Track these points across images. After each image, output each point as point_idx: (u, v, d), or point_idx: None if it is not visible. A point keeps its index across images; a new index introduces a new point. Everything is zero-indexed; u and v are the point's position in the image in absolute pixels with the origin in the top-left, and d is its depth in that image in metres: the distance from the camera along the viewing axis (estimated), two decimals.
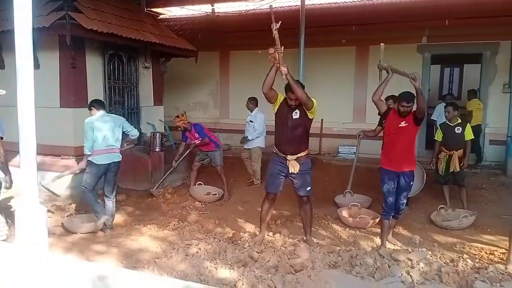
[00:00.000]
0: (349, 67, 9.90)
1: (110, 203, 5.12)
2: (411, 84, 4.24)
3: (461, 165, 5.76)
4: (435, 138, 6.13)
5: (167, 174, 6.74)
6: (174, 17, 12.15)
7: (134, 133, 5.47)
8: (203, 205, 6.29)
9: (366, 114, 9.50)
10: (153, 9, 10.55)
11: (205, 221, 5.51)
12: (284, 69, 4.16)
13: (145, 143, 7.72)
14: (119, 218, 5.54)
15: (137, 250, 4.43)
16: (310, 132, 4.60)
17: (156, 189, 6.61)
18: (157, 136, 6.93)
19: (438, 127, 6.23)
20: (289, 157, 4.38)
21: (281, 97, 4.41)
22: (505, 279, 3.69)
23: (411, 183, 4.57)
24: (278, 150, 4.48)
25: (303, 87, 4.33)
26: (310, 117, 4.40)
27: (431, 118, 8.78)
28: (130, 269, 3.66)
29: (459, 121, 5.94)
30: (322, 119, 9.87)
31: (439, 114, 8.51)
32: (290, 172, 4.41)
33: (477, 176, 7.68)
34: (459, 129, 5.83)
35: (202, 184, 6.82)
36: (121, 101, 7.72)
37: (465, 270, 3.82)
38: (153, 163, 6.86)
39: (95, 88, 7.00)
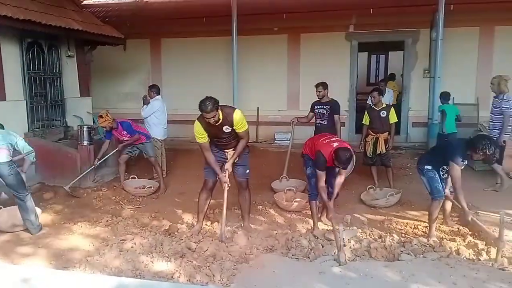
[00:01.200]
0: (282, 55, 10.04)
1: (23, 206, 4.58)
2: None
3: (386, 146, 6.11)
4: (362, 122, 6.44)
5: (85, 172, 6.32)
6: (100, 3, 11.51)
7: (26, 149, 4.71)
8: (138, 199, 6.09)
9: (300, 101, 9.73)
10: None
11: (141, 215, 5.34)
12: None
13: (73, 137, 7.31)
14: (46, 217, 5.19)
15: (67, 250, 4.19)
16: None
17: (69, 186, 6.09)
18: (85, 129, 6.56)
19: (366, 111, 6.54)
20: (226, 151, 4.48)
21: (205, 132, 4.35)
22: (427, 250, 3.99)
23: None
24: (214, 146, 4.49)
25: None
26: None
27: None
28: (59, 269, 3.47)
29: (384, 105, 6.27)
30: (258, 107, 9.97)
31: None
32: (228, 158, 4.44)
33: (402, 156, 8.20)
34: (384, 113, 6.16)
35: (136, 178, 6.59)
36: (43, 93, 7.22)
37: (392, 244, 4.07)
38: (82, 157, 6.50)
39: (13, 79, 6.49)
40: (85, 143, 6.55)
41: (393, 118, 6.20)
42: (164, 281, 3.27)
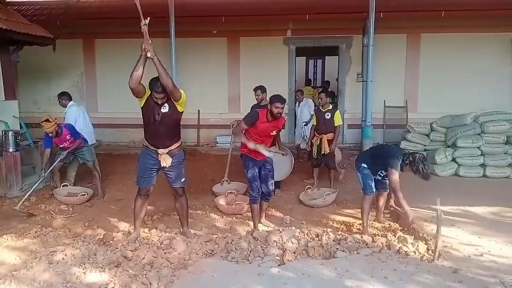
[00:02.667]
0: (222, 58, 10.04)
1: None
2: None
3: (329, 148, 6.29)
4: (311, 123, 6.57)
5: (35, 186, 5.73)
6: (27, 0, 10.79)
7: None
8: (71, 208, 5.77)
9: (241, 103, 9.78)
10: None
11: (73, 225, 5.07)
12: (150, 50, 3.88)
13: None
14: None
15: None
16: (187, 123, 4.50)
17: (20, 205, 5.43)
18: (10, 134, 6.11)
19: (313, 113, 6.65)
20: (160, 150, 4.24)
21: (148, 91, 4.18)
22: (361, 246, 4.15)
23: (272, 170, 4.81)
24: (149, 143, 4.32)
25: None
26: (180, 110, 4.20)
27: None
28: None
29: (330, 107, 6.44)
30: (199, 110, 9.89)
31: None
32: (162, 166, 4.29)
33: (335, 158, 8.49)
34: (328, 114, 6.33)
35: (67, 185, 6.25)
36: None
37: (328, 242, 4.19)
38: (8, 165, 6.05)
39: None
40: (10, 150, 6.10)
41: (338, 121, 6.38)
42: None
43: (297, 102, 8.92)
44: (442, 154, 7.07)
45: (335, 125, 6.38)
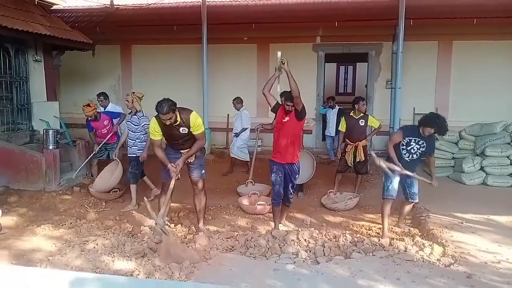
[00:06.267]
0: (252, 63, 10.28)
1: None
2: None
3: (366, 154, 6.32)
4: (339, 128, 6.61)
5: (85, 160, 6.65)
6: (69, 8, 11.47)
7: None
8: (104, 202, 6.13)
9: (269, 109, 9.89)
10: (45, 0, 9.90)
11: (105, 218, 5.40)
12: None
13: (39, 141, 7.28)
14: (9, 220, 5.18)
15: (29, 250, 4.23)
16: (216, 127, 4.75)
17: (76, 174, 6.62)
18: (50, 133, 6.56)
19: (343, 118, 6.62)
20: (182, 151, 4.58)
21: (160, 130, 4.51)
22: (377, 249, 4.23)
23: (296, 175, 4.86)
24: (169, 146, 4.62)
25: None
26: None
27: None
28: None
29: (362, 114, 6.42)
30: (228, 114, 10.12)
31: None
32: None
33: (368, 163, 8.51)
34: (362, 121, 6.34)
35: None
36: (9, 96, 7.19)
37: (345, 244, 4.30)
38: (47, 161, 6.49)
39: None
40: (50, 147, 6.55)
41: (375, 123, 6.47)
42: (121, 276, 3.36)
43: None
44: (470, 163, 6.98)
45: (375, 127, 6.46)
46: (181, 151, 4.59)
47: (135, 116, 5.82)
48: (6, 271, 2.68)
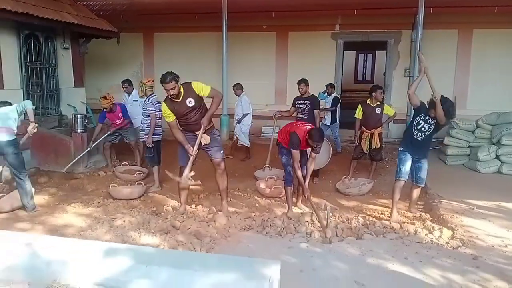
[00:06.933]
0: (271, 51, 10.46)
1: (22, 184, 4.94)
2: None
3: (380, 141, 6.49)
4: (355, 116, 6.70)
5: (81, 154, 6.79)
6: None
7: (27, 105, 4.86)
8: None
9: (287, 96, 10.13)
10: None
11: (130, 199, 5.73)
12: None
13: (67, 125, 7.65)
14: (41, 199, 5.55)
15: (62, 226, 4.58)
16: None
17: (67, 168, 6.61)
18: (78, 117, 6.92)
19: (359, 105, 6.68)
20: (197, 132, 4.67)
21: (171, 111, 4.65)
22: (388, 231, 4.43)
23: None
24: (185, 129, 4.79)
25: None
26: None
27: None
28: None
29: (379, 102, 6.54)
30: None
31: None
32: (202, 144, 4.72)
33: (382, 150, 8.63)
34: (379, 109, 6.46)
35: (127, 164, 6.98)
36: (39, 82, 7.56)
37: (357, 226, 4.51)
38: (76, 144, 6.86)
39: (10, 69, 6.83)
40: (78, 131, 6.91)
41: (391, 111, 6.63)
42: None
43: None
44: (485, 151, 7.04)
45: (390, 115, 6.61)
46: (196, 132, 4.68)
47: (149, 102, 6.12)
48: (48, 241, 3.00)
